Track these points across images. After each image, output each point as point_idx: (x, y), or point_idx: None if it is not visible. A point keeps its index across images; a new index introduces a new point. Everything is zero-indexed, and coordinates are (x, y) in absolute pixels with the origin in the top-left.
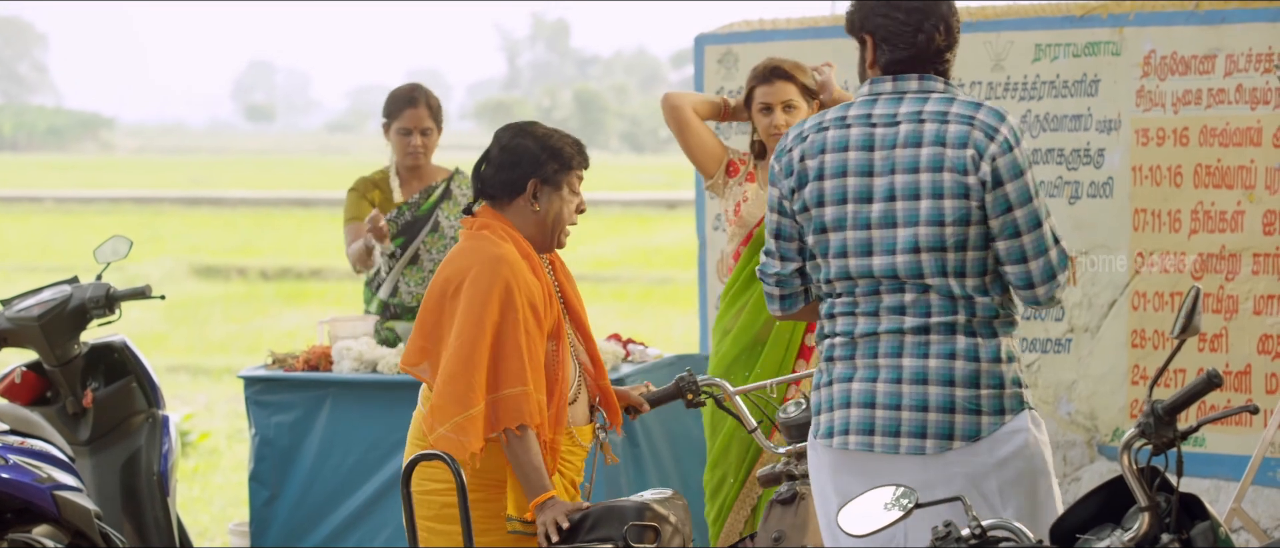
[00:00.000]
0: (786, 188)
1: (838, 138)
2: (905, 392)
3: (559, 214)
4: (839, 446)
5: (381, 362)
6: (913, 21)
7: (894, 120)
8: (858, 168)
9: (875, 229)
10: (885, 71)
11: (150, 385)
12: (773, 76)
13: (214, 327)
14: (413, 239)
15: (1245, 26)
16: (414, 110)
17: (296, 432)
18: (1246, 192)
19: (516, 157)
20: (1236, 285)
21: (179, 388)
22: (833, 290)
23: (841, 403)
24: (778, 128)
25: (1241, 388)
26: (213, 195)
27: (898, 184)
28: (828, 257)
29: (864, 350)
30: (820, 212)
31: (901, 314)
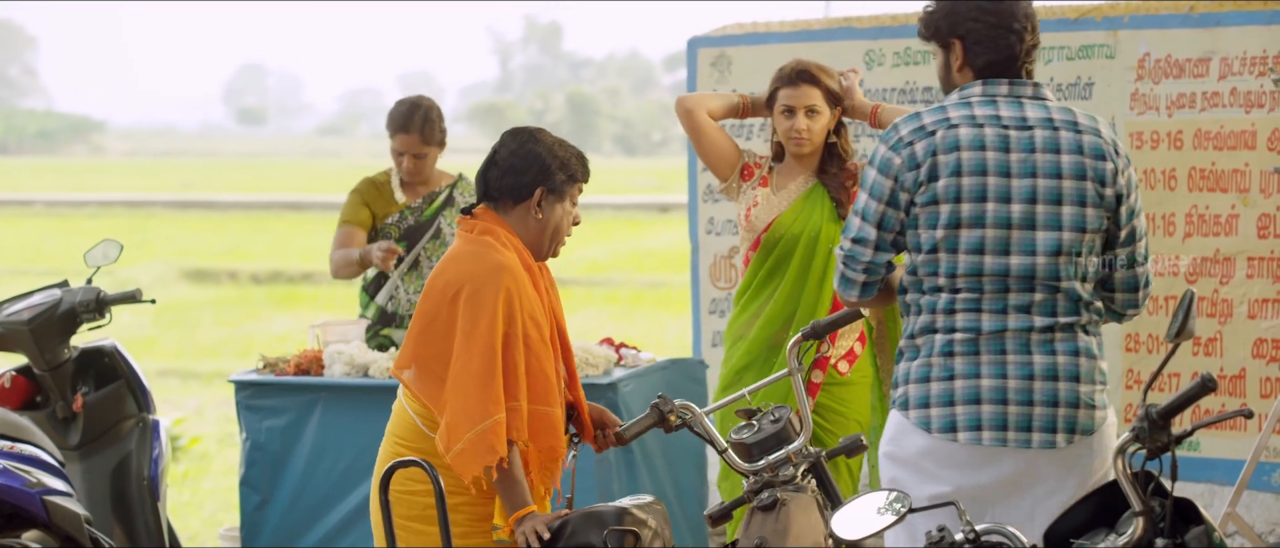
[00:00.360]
0: (910, 180)
1: (973, 136)
2: (1037, 388)
3: (559, 225)
4: (969, 441)
5: (373, 366)
6: (1005, 23)
7: (1025, 124)
8: (997, 168)
9: (1014, 229)
10: (978, 75)
11: (140, 390)
12: (798, 79)
13: (205, 331)
14: (414, 245)
15: (1240, 30)
16: (405, 136)
17: (288, 436)
18: (1241, 195)
19: (526, 163)
20: (1231, 289)
21: (169, 392)
22: (954, 286)
23: (969, 399)
24: (799, 132)
25: (1236, 392)
26: (204, 199)
27: (1039, 188)
28: (958, 252)
29: (990, 347)
30: (955, 207)
31: (1028, 313)
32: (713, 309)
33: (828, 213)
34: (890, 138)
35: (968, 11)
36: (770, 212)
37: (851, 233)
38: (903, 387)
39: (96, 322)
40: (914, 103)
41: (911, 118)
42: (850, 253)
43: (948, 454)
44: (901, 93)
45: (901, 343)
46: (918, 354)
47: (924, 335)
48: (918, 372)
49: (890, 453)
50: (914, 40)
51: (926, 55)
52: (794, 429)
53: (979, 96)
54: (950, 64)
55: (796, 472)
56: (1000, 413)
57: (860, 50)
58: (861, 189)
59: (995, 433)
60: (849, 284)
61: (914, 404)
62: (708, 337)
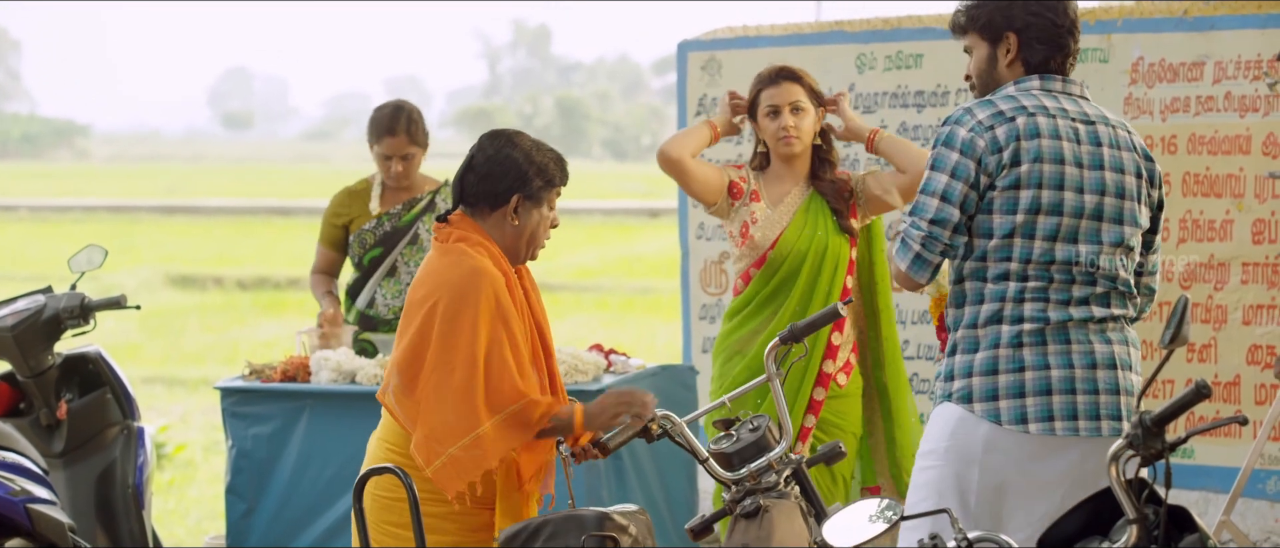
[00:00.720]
0: (994, 163)
1: (1050, 126)
2: (1100, 377)
3: (536, 230)
4: (1041, 431)
5: (360, 372)
6: (1062, 22)
7: (1088, 119)
8: (1073, 158)
9: (1085, 220)
10: (1031, 70)
11: (125, 397)
12: (780, 78)
13: (190, 337)
14: (391, 250)
15: (1234, 33)
16: (392, 139)
17: (274, 444)
18: (1235, 200)
19: (503, 169)
20: (1225, 295)
21: (154, 399)
22: (1024, 273)
23: (1040, 390)
24: (787, 130)
25: (1230, 399)
26: (189, 204)
27: (1108, 181)
28: (1034, 237)
29: (1056, 337)
30: (1037, 193)
31: (1088, 304)
32: (703, 315)
33: (831, 226)
34: (967, 121)
35: (1025, 7)
36: (772, 228)
37: (930, 214)
38: (963, 380)
39: (81, 328)
40: (906, 107)
41: (985, 103)
42: (931, 234)
43: (1016, 446)
44: (893, 96)
45: (957, 334)
46: (978, 346)
47: (989, 326)
48: (983, 364)
49: (949, 448)
50: (906, 44)
51: (919, 58)
52: (773, 437)
53: (1039, 89)
54: (998, 58)
55: (779, 479)
56: (1070, 403)
57: (851, 54)
58: (937, 171)
59: (1067, 423)
60: (924, 265)
61: (980, 397)
62: (698, 342)
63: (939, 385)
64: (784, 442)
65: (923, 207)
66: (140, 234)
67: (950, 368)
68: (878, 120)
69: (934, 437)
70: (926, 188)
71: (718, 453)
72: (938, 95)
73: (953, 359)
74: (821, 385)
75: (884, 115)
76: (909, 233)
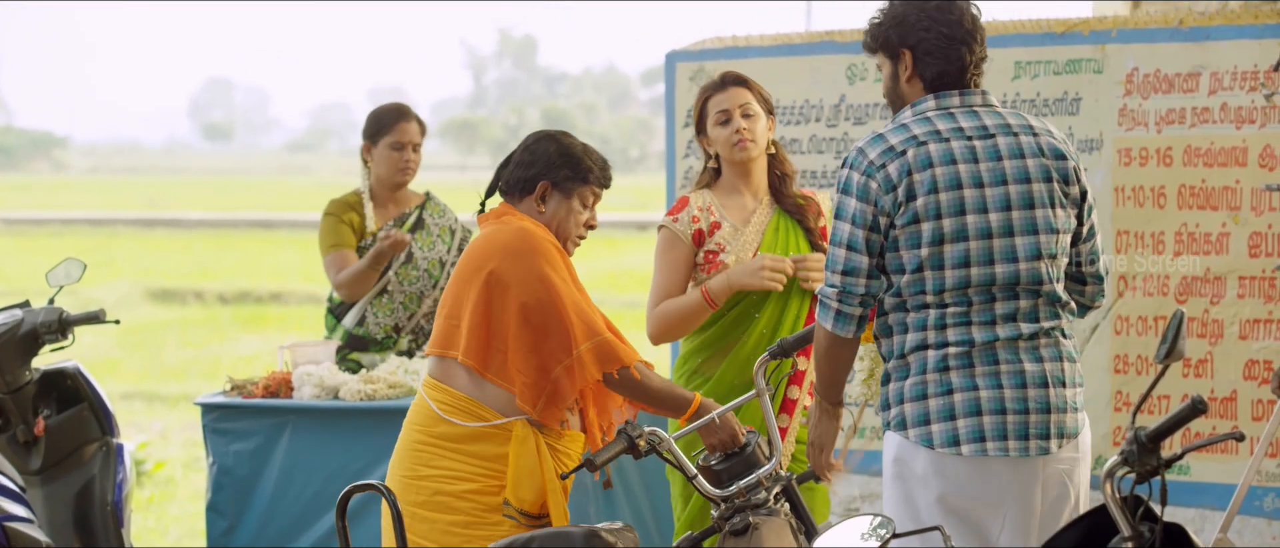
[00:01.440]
0: (888, 202)
1: (942, 151)
2: (1030, 395)
3: (563, 223)
4: (974, 453)
5: (343, 388)
6: (955, 34)
7: (986, 132)
8: (970, 179)
9: (995, 238)
10: (928, 86)
11: (104, 413)
12: (726, 83)
13: (170, 352)
14: (386, 271)
15: (1230, 43)
16: (407, 124)
17: (256, 460)
18: (1232, 213)
19: (534, 157)
20: (1222, 309)
21: (134, 415)
22: (942, 301)
23: (970, 411)
24: (739, 133)
25: (1227, 414)
26: (169, 217)
27: (1012, 194)
28: (943, 268)
29: (983, 358)
30: (937, 224)
31: (1015, 321)
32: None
33: (804, 245)
34: (860, 163)
35: (918, 22)
36: (745, 251)
37: (840, 265)
38: (897, 407)
39: (59, 343)
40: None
41: (876, 140)
42: (845, 287)
43: (953, 469)
44: (884, 108)
45: (889, 364)
46: (908, 372)
47: (915, 353)
48: (913, 390)
49: (895, 475)
50: None
51: None
52: (763, 453)
53: (934, 110)
54: (899, 75)
55: (768, 495)
56: (1000, 422)
57: (842, 64)
58: (840, 220)
59: (998, 443)
60: (846, 320)
61: (913, 422)
62: None
63: (882, 416)
64: (774, 458)
65: (833, 259)
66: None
67: (886, 397)
68: (869, 131)
69: (885, 464)
70: (834, 239)
71: (706, 470)
72: None
73: (886, 388)
74: (786, 412)
75: (875, 127)
76: (824, 292)
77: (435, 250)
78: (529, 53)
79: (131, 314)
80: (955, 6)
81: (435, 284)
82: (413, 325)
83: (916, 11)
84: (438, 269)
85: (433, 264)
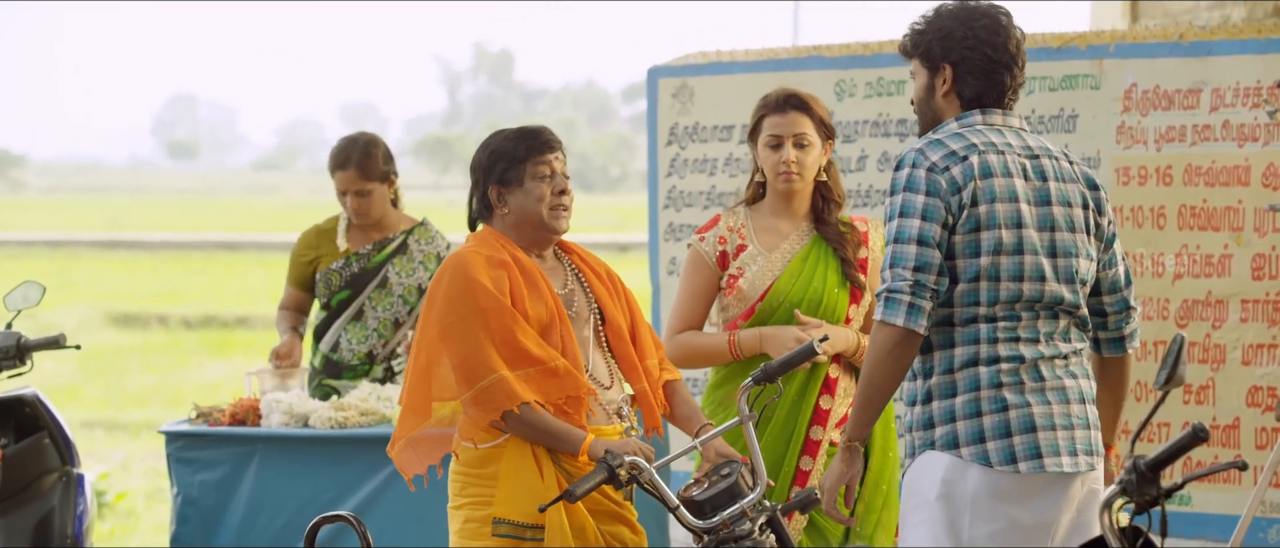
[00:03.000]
0: (955, 203)
1: (1000, 163)
2: (1073, 412)
3: (531, 209)
4: (1031, 470)
5: (314, 415)
6: (1000, 58)
7: (1032, 152)
8: (1025, 195)
9: (1043, 256)
10: (965, 104)
11: (64, 442)
12: (787, 105)
13: (133, 379)
14: (358, 293)
15: (1232, 59)
16: (343, 173)
17: (222, 491)
18: (1234, 234)
19: (473, 174)
20: (1224, 334)
21: (95, 444)
22: (993, 315)
23: (1025, 428)
24: (788, 165)
25: (1230, 443)
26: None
27: (1057, 215)
28: (999, 280)
29: (1031, 375)
30: (995, 233)
31: (1053, 340)
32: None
33: (834, 276)
34: (922, 162)
35: (964, 38)
36: (764, 278)
37: (911, 262)
38: (948, 425)
39: (17, 369)
40: (888, 136)
41: (933, 144)
42: (918, 281)
43: (1007, 488)
44: (874, 125)
45: (932, 380)
46: (956, 389)
47: (965, 369)
48: (966, 407)
49: (940, 496)
50: (887, 70)
51: (901, 85)
52: (746, 483)
53: (982, 125)
54: (935, 88)
55: (753, 527)
56: (1053, 439)
57: (830, 80)
58: (907, 217)
59: (1053, 459)
60: (921, 313)
61: (967, 441)
62: None
63: (917, 435)
64: (758, 488)
65: (902, 256)
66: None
67: (929, 415)
68: (858, 150)
69: (922, 487)
70: (900, 236)
71: (688, 501)
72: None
73: (929, 406)
74: (809, 454)
75: (865, 145)
76: (894, 286)
77: (414, 277)
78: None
79: (92, 339)
80: (1002, 28)
81: (411, 311)
82: (387, 353)
83: (964, 27)
84: (414, 296)
85: (408, 290)
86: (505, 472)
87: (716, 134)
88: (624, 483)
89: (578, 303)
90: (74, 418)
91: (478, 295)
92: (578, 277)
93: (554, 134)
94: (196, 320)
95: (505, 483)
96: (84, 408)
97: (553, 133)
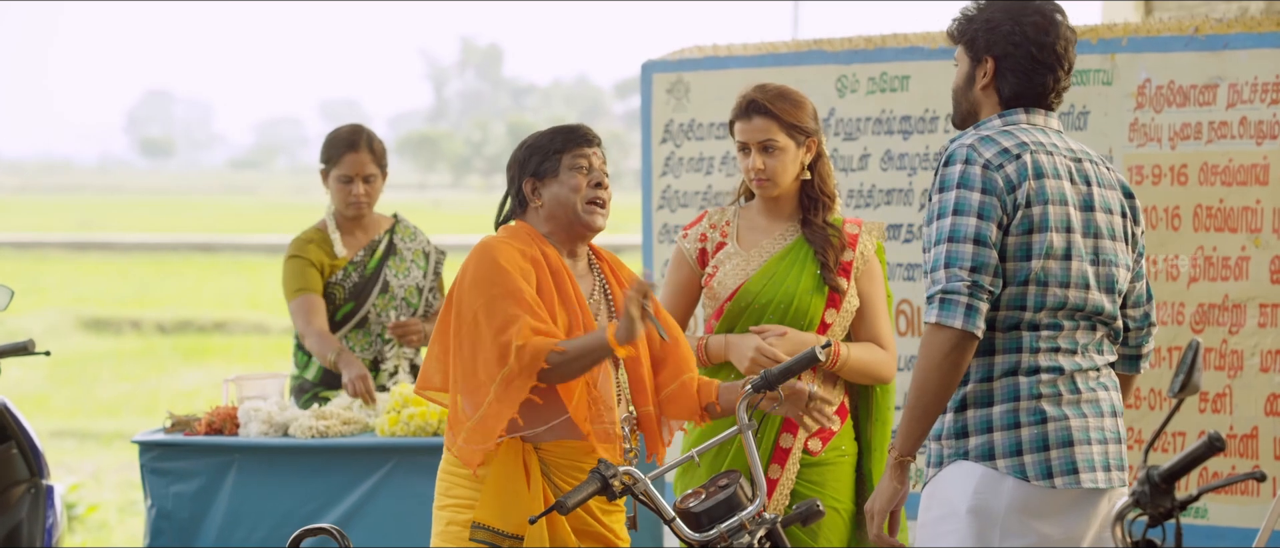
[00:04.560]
0: (1010, 202)
1: (1051, 164)
2: (1106, 426)
3: (566, 202)
4: (1067, 484)
5: (294, 424)
6: (1046, 59)
7: (1076, 155)
8: (1072, 199)
9: (1088, 263)
10: (1004, 101)
11: (33, 452)
12: (750, 111)
13: (105, 386)
14: (363, 304)
15: (1250, 53)
16: (355, 155)
17: (198, 503)
18: (1252, 236)
19: (510, 172)
20: (1241, 339)
21: (65, 455)
22: (1035, 322)
23: (1062, 442)
24: (757, 172)
25: (1247, 453)
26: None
27: (1101, 223)
28: (1047, 285)
29: (1068, 387)
30: (1047, 237)
31: (1089, 352)
32: None
33: (809, 279)
34: (975, 158)
35: (1010, 33)
36: (734, 276)
37: (968, 261)
38: (982, 436)
39: None
40: (892, 134)
41: (984, 141)
42: (975, 282)
43: (1042, 503)
44: (877, 122)
45: (969, 387)
46: (994, 399)
47: (1005, 379)
48: (1004, 418)
49: (971, 509)
50: (891, 64)
51: (904, 81)
52: (745, 495)
53: (1026, 124)
54: (975, 79)
55: (752, 540)
56: (1089, 454)
57: (832, 76)
58: (961, 215)
59: (1090, 474)
60: (976, 315)
61: (1004, 453)
62: None
63: (947, 444)
64: (757, 500)
65: (958, 255)
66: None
67: (962, 424)
68: (861, 148)
69: (951, 498)
70: (955, 234)
71: (685, 512)
72: (926, 121)
73: (963, 414)
74: (777, 462)
75: (867, 143)
76: (951, 287)
77: (411, 277)
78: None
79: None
80: (1054, 26)
81: (414, 313)
82: (393, 358)
83: (1012, 21)
84: (415, 296)
85: (410, 292)
86: (493, 477)
87: (713, 131)
88: (617, 494)
89: (602, 315)
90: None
91: (507, 277)
92: (604, 288)
93: (593, 131)
94: (171, 325)
95: (490, 488)
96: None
97: (592, 130)
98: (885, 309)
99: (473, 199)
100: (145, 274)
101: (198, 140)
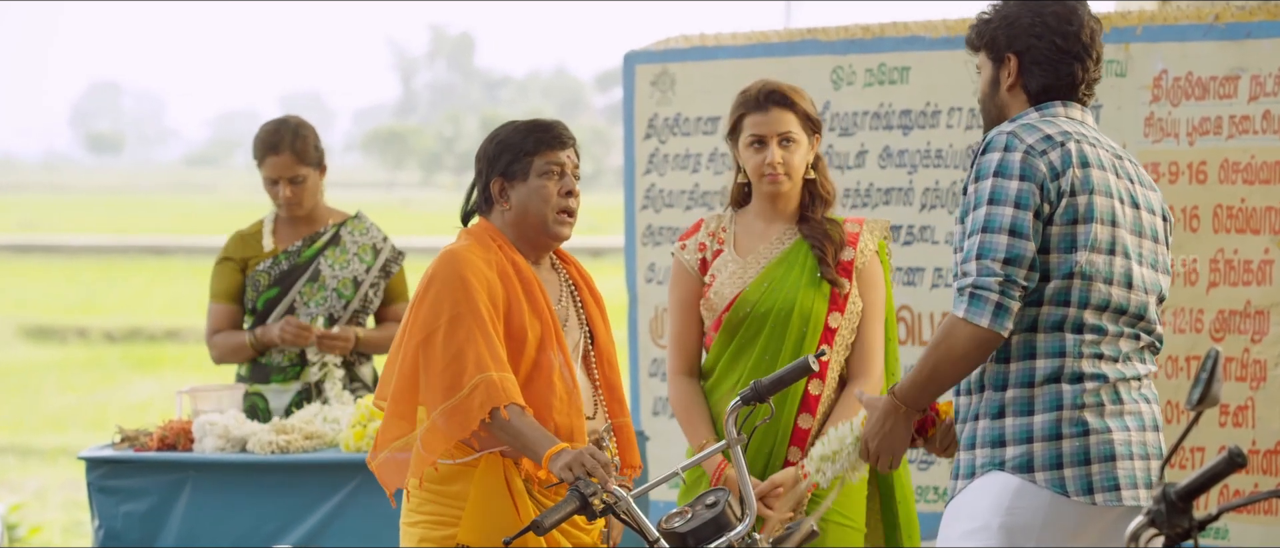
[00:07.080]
0: (1054, 190)
1: (1094, 155)
2: (1149, 441)
3: (536, 208)
4: (1107, 501)
5: (252, 439)
6: (1070, 47)
7: (1116, 152)
8: (1116, 193)
9: (1134, 262)
10: (1032, 99)
11: None
12: (768, 102)
13: (49, 398)
14: (288, 290)
15: (1274, 42)
16: (276, 158)
17: (149, 524)
18: (1275, 237)
19: (478, 164)
20: (1264, 348)
21: (6, 472)
22: (1079, 323)
23: (1104, 456)
24: (773, 167)
25: (1270, 469)
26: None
27: (1144, 222)
28: (1093, 280)
29: (1111, 397)
30: (1091, 228)
31: (1131, 361)
32: (654, 371)
33: (806, 276)
34: (1016, 144)
35: (1030, 26)
36: (732, 285)
37: (1001, 253)
38: (1022, 446)
39: None
40: (890, 129)
41: (1026, 127)
42: (1008, 276)
43: (1077, 519)
44: (875, 116)
45: (1007, 394)
46: (1033, 407)
47: (1047, 385)
48: (1045, 428)
49: (1004, 524)
50: (889, 55)
51: (904, 73)
52: (734, 514)
53: (1064, 116)
54: (1000, 81)
55: None
56: (1130, 469)
57: (827, 67)
58: (996, 203)
59: (1131, 492)
60: (1006, 314)
61: (1043, 465)
62: (648, 403)
63: (981, 453)
64: (747, 519)
65: (990, 247)
66: None
67: (1000, 432)
68: (857, 144)
69: (984, 510)
70: (990, 225)
71: (670, 533)
72: (926, 115)
73: (1001, 422)
74: (796, 445)
75: (864, 139)
76: (981, 282)
77: (349, 269)
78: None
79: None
80: (1076, 15)
81: (346, 305)
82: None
83: (1031, 14)
84: (349, 289)
85: (343, 284)
86: (475, 495)
87: (700, 126)
88: (598, 513)
89: (570, 321)
90: None
91: (471, 295)
92: (572, 292)
93: (568, 130)
94: (120, 333)
95: (473, 507)
96: None
97: (567, 128)
98: (880, 319)
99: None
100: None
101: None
